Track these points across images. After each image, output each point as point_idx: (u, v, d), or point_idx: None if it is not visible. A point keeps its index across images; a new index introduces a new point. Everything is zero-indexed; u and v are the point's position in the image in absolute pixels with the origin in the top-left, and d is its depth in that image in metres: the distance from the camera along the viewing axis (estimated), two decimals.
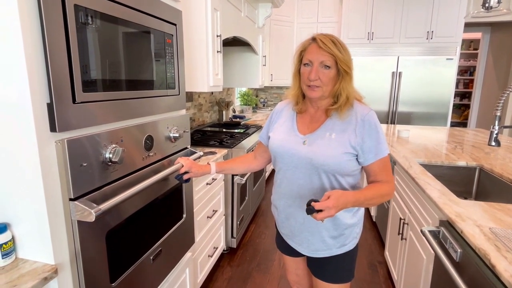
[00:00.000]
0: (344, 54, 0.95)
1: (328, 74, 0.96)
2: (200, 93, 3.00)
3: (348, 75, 0.97)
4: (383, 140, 1.00)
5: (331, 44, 0.94)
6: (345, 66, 0.95)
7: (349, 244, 1.09)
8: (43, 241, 0.81)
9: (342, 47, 0.96)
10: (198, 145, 2.25)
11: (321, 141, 1.01)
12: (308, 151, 1.02)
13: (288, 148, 1.06)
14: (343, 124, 1.01)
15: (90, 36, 0.86)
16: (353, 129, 0.99)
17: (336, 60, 0.95)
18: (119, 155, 0.94)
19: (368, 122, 0.99)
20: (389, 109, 4.23)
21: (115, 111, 0.98)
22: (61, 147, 0.79)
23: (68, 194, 0.82)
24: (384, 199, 1.02)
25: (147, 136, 1.15)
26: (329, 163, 0.99)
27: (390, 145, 2.26)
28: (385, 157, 1.01)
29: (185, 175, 1.21)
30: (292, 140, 1.06)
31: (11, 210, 0.83)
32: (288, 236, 1.16)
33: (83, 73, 0.84)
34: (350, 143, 0.98)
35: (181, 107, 1.42)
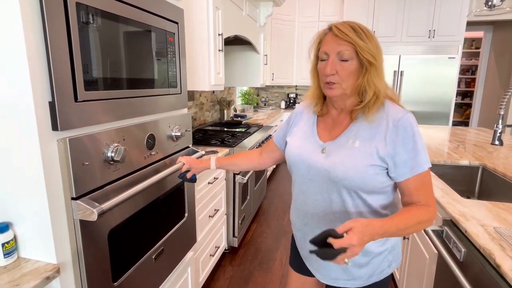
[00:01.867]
0: (368, 42, 0.78)
1: (348, 67, 0.80)
2: (201, 92, 3.00)
3: (373, 67, 0.80)
4: (422, 150, 0.80)
5: (349, 31, 0.79)
6: (368, 55, 0.78)
7: (379, 274, 0.91)
8: (45, 240, 0.81)
9: (365, 34, 0.79)
10: (200, 144, 2.25)
11: (342, 150, 0.84)
12: (326, 162, 0.85)
13: (304, 157, 0.90)
14: (371, 129, 0.82)
15: (92, 35, 0.86)
16: (383, 136, 0.81)
17: (357, 49, 0.78)
18: (121, 154, 0.93)
19: (403, 128, 0.79)
20: None
21: (117, 109, 0.98)
22: (63, 146, 0.79)
23: (70, 193, 0.82)
24: (421, 227, 0.80)
25: (149, 135, 1.14)
26: (350, 177, 0.81)
27: None
28: (424, 172, 0.80)
29: (188, 173, 1.20)
30: (310, 148, 0.90)
31: (13, 209, 0.82)
32: (306, 258, 1.02)
33: (85, 72, 0.83)
34: (378, 153, 0.80)
35: (182, 106, 1.41)
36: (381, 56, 0.82)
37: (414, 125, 0.81)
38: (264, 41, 3.28)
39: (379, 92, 0.82)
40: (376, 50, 0.80)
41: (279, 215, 3.01)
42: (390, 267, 0.93)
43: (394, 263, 0.94)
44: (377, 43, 0.81)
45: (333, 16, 4.35)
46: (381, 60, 0.82)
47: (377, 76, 0.81)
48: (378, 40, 0.82)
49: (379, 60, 0.81)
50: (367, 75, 0.80)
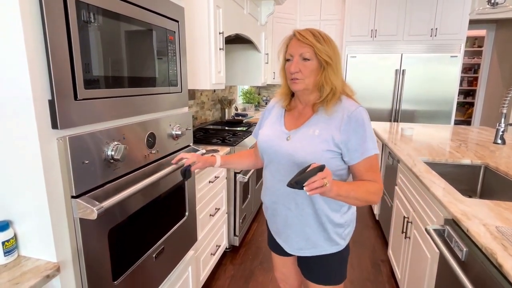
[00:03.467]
0: (325, 45, 0.93)
1: (309, 65, 0.94)
2: (202, 91, 2.99)
3: (330, 66, 0.94)
4: (370, 138, 0.95)
5: (309, 36, 0.93)
6: (325, 56, 0.93)
7: (336, 246, 1.06)
8: (45, 238, 0.81)
9: (323, 38, 0.94)
10: (201, 143, 2.25)
11: (304, 137, 0.98)
12: (290, 147, 0.99)
13: (271, 143, 1.05)
14: (329, 120, 0.97)
15: (92, 33, 0.85)
16: (338, 125, 0.95)
17: (315, 50, 0.93)
18: (121, 152, 0.93)
19: (355, 119, 0.94)
20: (392, 107, 4.20)
21: (117, 108, 0.97)
22: (63, 144, 0.79)
23: (70, 191, 0.82)
24: (371, 198, 0.95)
25: (150, 133, 1.14)
26: (310, 160, 0.94)
27: (393, 143, 2.25)
28: (371, 156, 0.96)
29: (192, 167, 1.17)
30: (277, 135, 1.05)
31: (14, 208, 0.82)
32: (275, 233, 1.15)
33: (84, 70, 0.83)
34: (333, 140, 0.95)
35: (183, 105, 1.41)
36: (338, 58, 0.96)
37: (364, 117, 0.96)
38: (265, 40, 3.28)
39: (335, 89, 0.96)
40: (332, 52, 0.94)
41: None
42: (345, 240, 1.08)
43: (348, 236, 1.10)
44: (334, 46, 0.96)
45: (335, 15, 4.34)
46: (338, 61, 0.96)
47: (333, 75, 0.95)
48: (335, 44, 0.97)
49: (335, 61, 0.95)
50: (324, 73, 0.95)
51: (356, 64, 4.22)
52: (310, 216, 1.02)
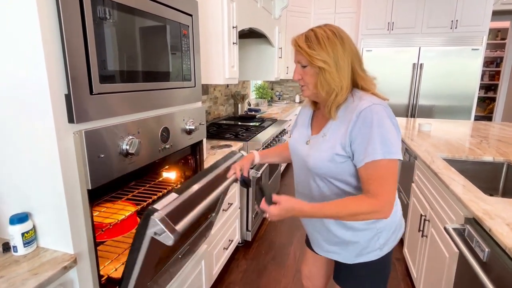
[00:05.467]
0: (318, 49, 0.87)
1: (308, 71, 0.91)
2: (215, 86, 2.99)
3: (325, 70, 0.87)
4: (380, 140, 0.82)
5: (302, 42, 0.90)
6: (317, 61, 0.87)
7: (368, 255, 0.98)
8: (62, 231, 0.82)
9: (318, 41, 0.87)
10: (214, 138, 2.25)
11: (315, 142, 0.96)
12: (305, 152, 0.98)
13: (294, 146, 1.05)
14: (340, 123, 0.91)
15: (107, 28, 0.85)
16: (347, 127, 0.87)
17: (307, 57, 0.89)
18: (136, 147, 0.94)
19: (363, 118, 0.84)
20: (409, 102, 4.10)
21: (132, 102, 0.98)
22: (79, 138, 0.80)
23: (86, 185, 0.83)
24: (361, 218, 0.87)
25: (163, 128, 1.14)
26: (318, 166, 0.92)
27: (410, 139, 2.19)
28: (377, 161, 0.82)
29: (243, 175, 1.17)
30: (301, 139, 1.04)
31: (32, 200, 0.84)
32: (309, 233, 1.14)
33: (100, 65, 0.84)
34: (341, 143, 0.88)
35: (197, 100, 1.41)
36: (340, 56, 0.87)
37: (374, 116, 0.83)
38: (279, 34, 3.24)
39: (333, 91, 0.89)
40: (327, 55, 0.87)
41: None
42: (382, 250, 0.98)
43: (386, 247, 0.99)
44: (330, 49, 0.87)
45: (350, 8, 4.24)
46: (340, 59, 0.87)
47: (331, 77, 0.88)
48: (337, 41, 0.88)
49: (334, 61, 0.87)
50: (319, 78, 0.89)
51: (371, 58, 4.12)
52: (328, 223, 1.00)
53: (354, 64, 0.90)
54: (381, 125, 0.83)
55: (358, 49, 0.94)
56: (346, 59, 0.88)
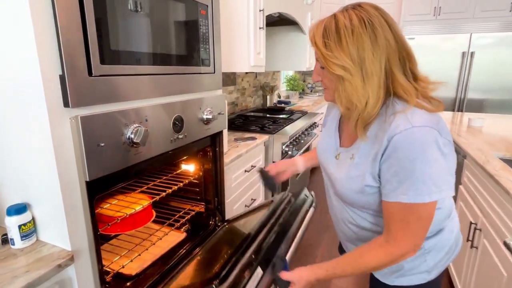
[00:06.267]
0: (335, 50, 0.64)
1: (327, 74, 0.70)
2: (243, 76, 2.88)
3: (344, 80, 0.66)
4: (412, 178, 0.63)
5: (317, 34, 0.67)
6: (333, 67, 0.65)
7: (411, 276, 0.81)
8: (59, 225, 0.76)
9: (338, 37, 0.64)
10: (239, 130, 2.15)
11: (345, 165, 0.78)
12: (332, 170, 0.82)
13: (323, 157, 0.89)
14: (371, 143, 0.70)
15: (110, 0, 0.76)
16: (377, 151, 0.68)
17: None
18: (141, 135, 0.85)
19: (395, 146, 0.63)
20: (456, 96, 3.71)
21: (139, 87, 0.89)
22: (75, 124, 0.72)
23: (84, 176, 0.75)
24: (378, 269, 0.78)
25: (176, 116, 1.05)
26: (350, 198, 0.77)
27: (457, 134, 1.93)
28: (401, 203, 0.66)
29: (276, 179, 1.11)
30: (329, 150, 0.86)
31: (31, 190, 0.78)
32: (346, 248, 0.99)
33: (100, 42, 0.75)
34: (370, 172, 0.70)
35: (216, 87, 1.30)
36: (365, 61, 0.64)
37: (413, 145, 0.62)
38: (311, 21, 3.04)
39: (354, 107, 0.67)
40: (348, 59, 0.64)
41: (322, 208, 2.82)
42: (429, 274, 0.80)
43: (435, 270, 0.81)
44: (354, 49, 0.64)
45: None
46: (364, 67, 0.64)
47: (352, 89, 0.66)
48: (361, 42, 0.64)
49: (355, 70, 0.65)
50: (337, 86, 0.68)
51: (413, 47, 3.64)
52: (363, 238, 0.84)
53: (392, 66, 0.65)
54: (420, 159, 0.62)
55: (404, 39, 0.68)
56: (378, 61, 0.64)
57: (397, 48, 0.66)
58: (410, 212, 0.66)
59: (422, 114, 0.65)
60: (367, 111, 0.66)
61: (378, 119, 0.70)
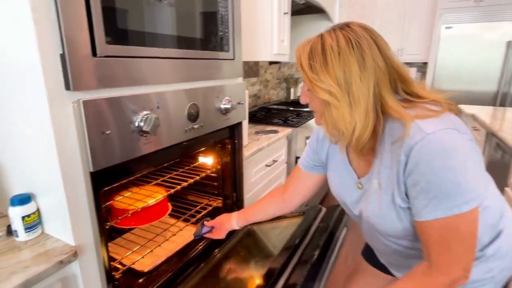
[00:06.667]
0: (320, 72, 0.60)
1: (314, 98, 0.65)
2: (267, 67, 2.78)
3: (330, 106, 0.61)
4: (442, 189, 0.55)
5: (304, 57, 0.63)
6: (320, 91, 0.61)
7: None
8: (62, 217, 0.70)
9: (324, 59, 0.60)
10: (261, 123, 2.05)
11: (372, 194, 0.70)
12: (364, 210, 0.73)
13: (344, 199, 0.80)
14: (388, 161, 0.63)
15: None
16: (397, 169, 0.61)
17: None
18: (151, 123, 0.78)
19: (415, 159, 0.57)
20: (498, 90, 3.40)
21: (150, 71, 0.82)
22: (77, 109, 0.65)
23: (88, 166, 0.69)
24: None
25: (191, 105, 0.97)
26: (387, 230, 0.69)
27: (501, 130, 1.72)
28: (436, 220, 0.57)
29: (210, 233, 1.04)
30: (346, 183, 0.77)
31: (35, 180, 0.74)
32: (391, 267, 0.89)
33: (106, 19, 0.68)
34: (398, 192, 0.63)
35: (235, 75, 1.21)
36: (352, 85, 0.59)
37: (435, 152, 0.55)
38: (340, 9, 2.87)
39: (341, 133, 0.63)
40: (334, 83, 0.59)
41: None
42: (497, 284, 0.72)
43: (504, 279, 0.72)
44: (341, 72, 0.59)
45: None
46: (351, 91, 0.59)
47: (338, 115, 0.61)
48: (347, 65, 0.59)
49: (341, 95, 0.60)
50: (326, 113, 0.63)
51: (451, 37, 3.49)
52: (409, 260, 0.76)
53: (382, 90, 0.60)
54: (445, 168, 0.55)
55: (395, 60, 0.63)
56: (366, 85, 0.59)
57: (387, 70, 0.61)
58: (448, 229, 0.58)
59: (432, 119, 0.59)
60: (355, 137, 0.62)
61: (386, 134, 0.64)
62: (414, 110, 0.61)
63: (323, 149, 0.85)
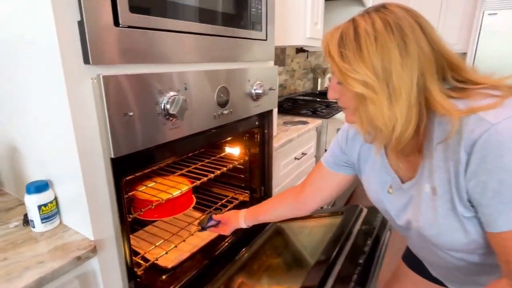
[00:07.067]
0: (353, 61, 0.50)
1: (345, 92, 0.56)
2: (293, 57, 2.65)
3: (365, 100, 0.51)
4: None
5: (333, 45, 0.53)
6: (353, 83, 0.51)
7: None
8: (80, 208, 0.63)
9: (358, 46, 0.50)
10: (288, 114, 1.94)
11: (423, 199, 0.58)
12: (414, 220, 0.61)
13: (384, 205, 0.69)
14: (440, 161, 0.53)
15: None
16: (455, 172, 0.51)
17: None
18: (178, 105, 0.69)
19: (478, 157, 0.47)
20: None
21: (178, 47, 0.73)
22: (97, 86, 0.57)
23: (109, 152, 0.61)
24: None
25: (221, 87, 0.88)
26: (445, 242, 0.58)
27: None
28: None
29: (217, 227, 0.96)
30: (387, 189, 0.67)
31: (52, 166, 0.67)
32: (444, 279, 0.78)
33: None
34: (460, 200, 0.52)
35: (268, 57, 1.11)
36: (392, 75, 0.50)
37: (500, 150, 0.45)
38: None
39: (379, 130, 0.53)
40: (370, 73, 0.50)
41: None
42: None
43: None
44: (378, 60, 0.49)
45: None
46: (390, 82, 0.50)
47: (375, 110, 0.51)
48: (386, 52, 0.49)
49: (379, 86, 0.50)
50: (358, 106, 0.54)
51: (494, 25, 3.20)
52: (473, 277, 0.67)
53: (427, 80, 0.50)
54: None
55: (443, 45, 0.53)
56: (409, 74, 0.49)
57: (434, 56, 0.51)
58: None
59: (495, 108, 0.48)
60: (396, 136, 0.52)
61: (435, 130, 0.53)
62: (469, 99, 0.50)
63: (354, 149, 0.73)
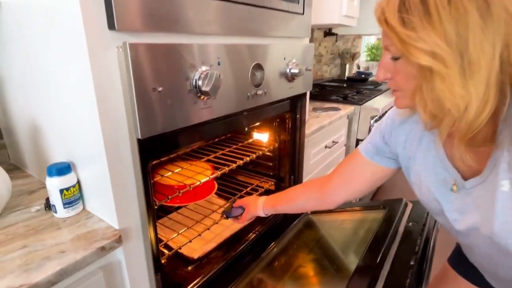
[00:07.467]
0: (420, 27, 0.40)
1: (401, 68, 0.46)
2: (321, 40, 2.50)
3: (433, 74, 0.41)
4: None
5: (391, 12, 0.43)
6: (418, 53, 0.41)
7: None
8: (105, 194, 0.57)
9: (427, 11, 0.40)
10: (317, 100, 1.84)
11: (498, 200, 0.47)
12: (477, 219, 0.51)
13: (439, 206, 0.58)
14: None
15: None
16: None
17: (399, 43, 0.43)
18: (211, 82, 0.61)
19: None
20: None
21: (211, 15, 0.64)
22: (123, 55, 0.50)
23: (136, 132, 0.55)
24: None
25: (255, 64, 0.79)
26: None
27: None
28: None
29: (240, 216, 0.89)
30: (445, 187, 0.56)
31: (75, 147, 0.61)
32: None
33: None
34: None
35: (304, 34, 1.00)
36: (469, 44, 0.39)
37: None
38: None
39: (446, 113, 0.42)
40: (441, 40, 0.39)
41: None
42: None
43: None
44: (451, 25, 0.39)
45: None
46: (465, 52, 0.39)
47: (444, 87, 0.41)
48: (463, 15, 0.38)
49: (452, 57, 0.39)
50: (420, 85, 0.44)
51: None
52: None
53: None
54: None
55: None
56: (491, 44, 0.39)
57: None
58: None
59: None
60: (466, 119, 0.42)
61: None
62: None
63: (399, 140, 0.62)
